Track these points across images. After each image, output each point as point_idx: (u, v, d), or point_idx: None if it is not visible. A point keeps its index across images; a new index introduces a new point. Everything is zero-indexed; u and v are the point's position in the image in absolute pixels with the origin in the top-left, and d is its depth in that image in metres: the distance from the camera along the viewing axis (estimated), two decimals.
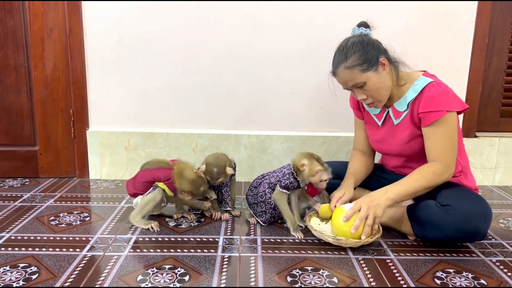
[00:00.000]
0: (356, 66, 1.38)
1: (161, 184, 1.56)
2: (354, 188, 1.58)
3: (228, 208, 1.67)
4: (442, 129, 1.40)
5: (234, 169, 1.69)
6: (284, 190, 1.54)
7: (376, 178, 1.68)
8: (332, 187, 1.58)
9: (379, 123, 1.57)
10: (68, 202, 1.80)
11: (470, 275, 1.27)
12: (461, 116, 1.98)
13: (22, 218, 1.62)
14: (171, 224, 1.60)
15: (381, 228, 1.46)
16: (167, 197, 1.59)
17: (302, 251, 1.39)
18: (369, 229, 1.35)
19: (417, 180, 1.40)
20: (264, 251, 1.39)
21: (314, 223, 1.51)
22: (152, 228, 1.53)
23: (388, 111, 1.53)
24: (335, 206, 1.46)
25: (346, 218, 1.36)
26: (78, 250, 1.37)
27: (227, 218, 1.65)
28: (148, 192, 1.58)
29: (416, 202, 1.48)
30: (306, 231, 1.55)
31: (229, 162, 1.63)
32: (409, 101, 1.45)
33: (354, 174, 1.59)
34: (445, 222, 1.35)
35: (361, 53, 1.39)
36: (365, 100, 1.46)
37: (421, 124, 1.44)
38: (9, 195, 1.88)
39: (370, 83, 1.40)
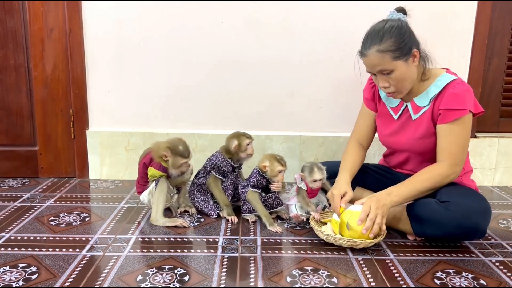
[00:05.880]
0: (389, 52, 1.34)
1: (149, 169, 1.58)
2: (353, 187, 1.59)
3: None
4: (459, 129, 1.39)
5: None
6: (254, 189, 1.60)
7: (376, 177, 1.68)
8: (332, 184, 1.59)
9: (395, 117, 1.54)
10: (68, 202, 1.81)
11: (469, 276, 1.27)
12: None
13: (22, 218, 1.62)
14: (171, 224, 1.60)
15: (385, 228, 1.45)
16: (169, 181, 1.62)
17: (301, 251, 1.39)
18: (378, 228, 1.35)
19: (422, 181, 1.40)
20: (263, 251, 1.39)
21: (326, 228, 1.50)
22: (181, 225, 1.54)
23: (407, 105, 1.51)
24: (340, 206, 1.45)
25: (361, 221, 1.35)
26: (78, 250, 1.37)
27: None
28: (151, 187, 1.60)
29: (416, 200, 1.48)
30: (306, 231, 1.56)
31: None
32: (432, 97, 1.43)
33: (351, 170, 1.57)
34: (445, 218, 1.35)
35: (397, 39, 1.34)
36: (386, 89, 1.42)
37: (438, 120, 1.42)
38: (9, 195, 1.88)
39: (398, 72, 1.37)
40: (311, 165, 1.56)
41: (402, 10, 1.42)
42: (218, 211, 1.68)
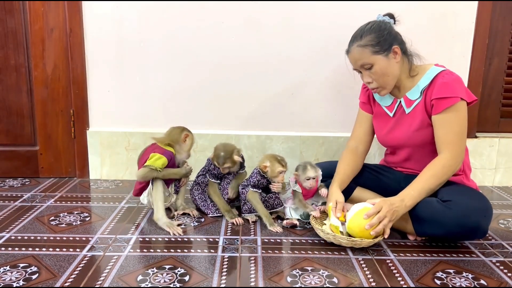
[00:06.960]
0: (368, 46, 1.42)
1: (152, 155, 1.58)
2: (352, 191, 1.62)
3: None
4: (453, 116, 1.41)
5: (242, 159, 1.72)
6: (254, 189, 1.60)
7: (377, 177, 1.67)
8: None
9: (391, 114, 1.57)
10: (68, 202, 1.81)
11: (470, 276, 1.27)
12: None
13: (22, 218, 1.62)
14: None
15: None
16: (164, 180, 1.62)
17: (302, 251, 1.40)
18: (382, 228, 1.35)
19: (428, 179, 1.41)
20: (264, 251, 1.39)
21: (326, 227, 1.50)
22: (174, 234, 1.50)
23: (400, 101, 1.54)
24: (339, 215, 1.45)
25: (367, 216, 1.36)
26: (78, 250, 1.37)
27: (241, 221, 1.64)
28: (149, 188, 1.60)
29: None
30: (306, 231, 1.56)
31: (237, 151, 1.67)
32: (423, 88, 1.47)
33: (341, 180, 1.57)
34: (446, 217, 1.35)
35: (376, 35, 1.43)
36: (370, 84, 1.49)
37: (432, 111, 1.44)
38: (9, 195, 1.88)
39: (378, 67, 1.44)
40: (305, 164, 1.57)
41: (389, 15, 1.51)
42: (216, 210, 1.68)
